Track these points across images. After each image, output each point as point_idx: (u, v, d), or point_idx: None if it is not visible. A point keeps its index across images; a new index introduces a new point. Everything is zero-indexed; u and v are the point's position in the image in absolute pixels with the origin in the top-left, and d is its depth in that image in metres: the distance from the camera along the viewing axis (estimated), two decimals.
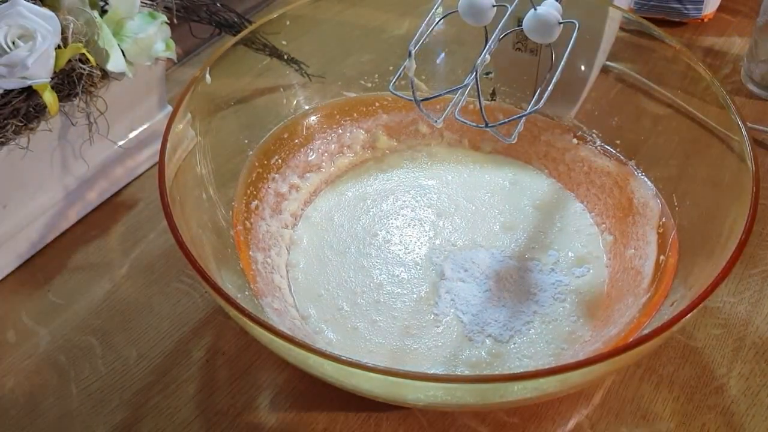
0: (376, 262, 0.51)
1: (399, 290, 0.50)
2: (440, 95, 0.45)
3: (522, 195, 0.56)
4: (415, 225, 0.54)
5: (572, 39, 0.42)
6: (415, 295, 0.49)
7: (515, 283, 0.50)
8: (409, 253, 0.52)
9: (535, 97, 0.43)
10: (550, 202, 0.55)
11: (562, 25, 0.42)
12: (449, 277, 0.50)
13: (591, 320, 0.47)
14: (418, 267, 0.51)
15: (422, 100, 0.44)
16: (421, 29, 0.44)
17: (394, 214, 0.55)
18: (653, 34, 0.52)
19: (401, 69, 0.45)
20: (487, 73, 0.57)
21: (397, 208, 0.55)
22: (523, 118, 0.43)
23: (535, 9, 0.42)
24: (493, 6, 0.44)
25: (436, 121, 0.45)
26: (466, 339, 0.46)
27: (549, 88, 0.42)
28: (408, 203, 0.56)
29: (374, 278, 0.50)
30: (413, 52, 0.43)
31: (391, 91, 0.46)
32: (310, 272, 0.51)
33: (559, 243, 0.52)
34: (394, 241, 0.53)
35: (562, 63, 0.42)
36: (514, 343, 0.46)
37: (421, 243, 0.53)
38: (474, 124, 0.44)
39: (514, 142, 0.43)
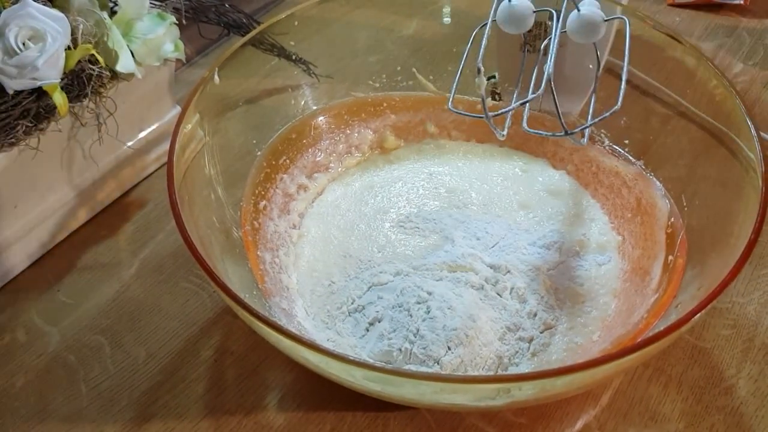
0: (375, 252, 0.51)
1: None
2: (512, 109, 0.45)
3: (534, 181, 0.56)
4: (425, 203, 0.54)
5: (627, 35, 0.42)
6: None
7: (534, 263, 0.49)
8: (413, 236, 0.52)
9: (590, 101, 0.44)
10: (563, 189, 0.55)
11: (606, 22, 0.42)
12: (459, 244, 0.49)
13: (600, 317, 0.47)
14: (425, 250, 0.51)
15: (494, 115, 0.43)
16: (483, 44, 0.43)
17: (404, 195, 0.55)
18: (661, 30, 0.52)
19: (456, 83, 0.45)
20: (490, 78, 0.57)
21: (406, 191, 0.55)
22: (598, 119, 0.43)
23: (579, 10, 0.42)
24: (534, 12, 0.44)
25: (502, 135, 0.45)
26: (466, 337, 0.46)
27: (622, 86, 0.42)
28: (418, 184, 0.55)
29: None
30: (482, 69, 0.42)
31: (452, 110, 0.45)
32: (315, 264, 0.51)
33: (578, 227, 0.52)
34: (399, 231, 0.52)
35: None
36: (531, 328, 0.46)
37: (432, 220, 0.52)
38: (547, 133, 0.44)
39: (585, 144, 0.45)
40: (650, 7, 0.77)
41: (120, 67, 0.51)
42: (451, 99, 0.45)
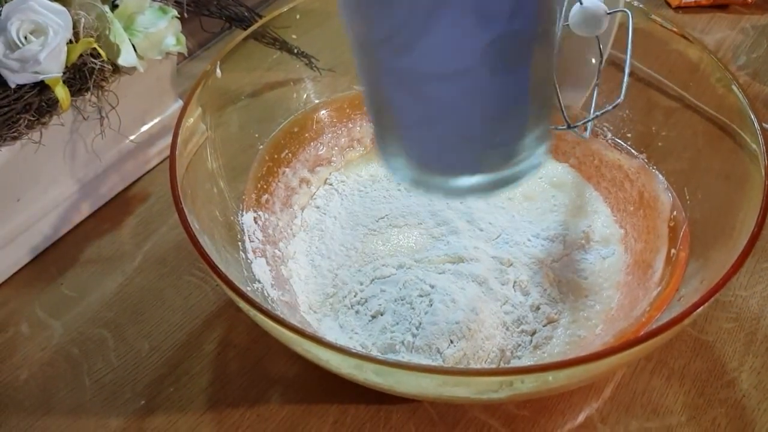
0: (378, 243, 0.51)
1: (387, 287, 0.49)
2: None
3: (537, 173, 0.55)
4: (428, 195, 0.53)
5: (629, 28, 0.42)
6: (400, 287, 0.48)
7: (537, 255, 0.49)
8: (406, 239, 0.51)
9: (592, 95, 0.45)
10: (566, 181, 0.55)
11: (609, 15, 0.42)
12: (462, 236, 0.49)
13: (603, 310, 0.47)
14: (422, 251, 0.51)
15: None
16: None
17: (407, 187, 0.54)
18: (664, 24, 0.51)
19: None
20: None
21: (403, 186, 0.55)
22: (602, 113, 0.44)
23: (581, 3, 0.42)
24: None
25: (585, 136, 0.47)
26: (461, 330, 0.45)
27: (625, 79, 0.42)
28: None
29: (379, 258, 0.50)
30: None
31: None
32: (317, 257, 0.51)
33: (581, 219, 0.52)
34: (398, 224, 0.52)
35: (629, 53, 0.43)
36: (529, 323, 0.46)
37: (432, 213, 0.52)
38: (549, 126, 0.44)
39: (587, 137, 0.46)
40: (653, 8, 0.76)
41: (122, 61, 0.51)
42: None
